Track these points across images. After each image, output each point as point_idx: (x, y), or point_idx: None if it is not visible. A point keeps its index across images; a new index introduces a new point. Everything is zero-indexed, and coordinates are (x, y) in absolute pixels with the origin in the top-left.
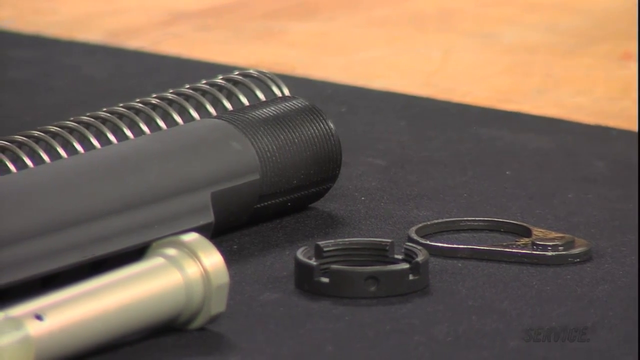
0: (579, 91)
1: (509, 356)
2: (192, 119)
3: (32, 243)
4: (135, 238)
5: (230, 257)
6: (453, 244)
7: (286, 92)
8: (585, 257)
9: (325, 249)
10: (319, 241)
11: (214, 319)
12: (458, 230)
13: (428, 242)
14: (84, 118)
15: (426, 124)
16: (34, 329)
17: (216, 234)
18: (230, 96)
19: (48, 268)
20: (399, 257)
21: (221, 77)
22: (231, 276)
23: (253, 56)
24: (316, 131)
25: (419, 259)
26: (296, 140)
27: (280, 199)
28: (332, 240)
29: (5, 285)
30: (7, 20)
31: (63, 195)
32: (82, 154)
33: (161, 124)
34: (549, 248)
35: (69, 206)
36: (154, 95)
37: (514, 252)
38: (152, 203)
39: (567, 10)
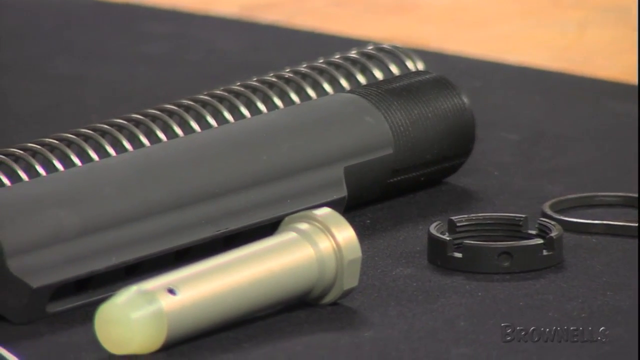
0: None
1: None
2: (326, 93)
3: (166, 217)
4: (268, 212)
5: (363, 232)
6: (587, 220)
7: (420, 66)
8: None
9: (458, 224)
10: (453, 216)
11: (346, 294)
12: (592, 206)
13: (562, 218)
14: (218, 92)
15: (560, 98)
16: (167, 302)
17: (349, 208)
18: (364, 70)
19: (181, 242)
20: (533, 232)
21: (355, 51)
22: (364, 251)
23: (387, 30)
24: (450, 106)
25: (553, 234)
26: (430, 114)
27: (414, 174)
28: (466, 215)
29: (139, 259)
30: None
31: (196, 170)
32: (215, 128)
33: (295, 98)
34: None
35: (202, 180)
36: (288, 70)
37: None
38: (285, 177)
39: None
